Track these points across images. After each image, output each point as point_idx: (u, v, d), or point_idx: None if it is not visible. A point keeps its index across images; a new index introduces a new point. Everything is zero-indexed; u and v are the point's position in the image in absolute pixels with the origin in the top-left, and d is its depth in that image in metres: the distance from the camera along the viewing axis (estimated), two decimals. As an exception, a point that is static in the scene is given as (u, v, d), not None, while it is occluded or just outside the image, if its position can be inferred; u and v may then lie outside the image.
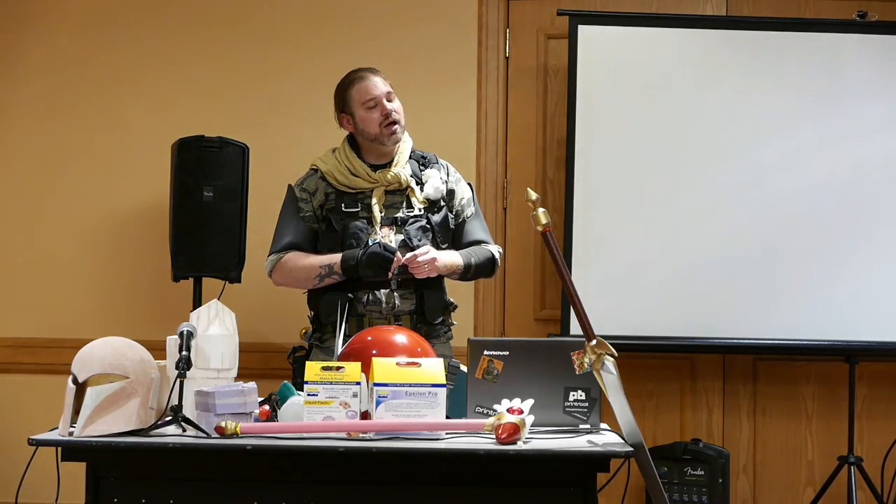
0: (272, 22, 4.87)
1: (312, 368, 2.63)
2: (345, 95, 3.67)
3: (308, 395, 2.61)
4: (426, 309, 3.58)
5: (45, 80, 4.90)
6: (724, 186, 4.60)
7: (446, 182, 3.69)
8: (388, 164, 3.65)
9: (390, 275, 3.49)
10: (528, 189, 2.83)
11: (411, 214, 3.62)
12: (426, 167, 3.69)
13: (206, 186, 4.38)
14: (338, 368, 2.63)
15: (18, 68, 4.91)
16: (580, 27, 4.59)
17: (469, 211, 3.74)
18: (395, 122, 3.61)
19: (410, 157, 3.70)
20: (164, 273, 4.52)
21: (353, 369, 2.64)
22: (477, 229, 3.74)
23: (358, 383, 2.61)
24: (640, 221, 4.60)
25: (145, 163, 4.79)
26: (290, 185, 3.71)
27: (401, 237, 3.58)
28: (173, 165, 4.42)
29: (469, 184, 3.80)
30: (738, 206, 4.58)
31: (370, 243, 3.52)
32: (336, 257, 3.54)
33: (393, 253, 3.46)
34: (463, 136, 4.78)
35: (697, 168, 4.61)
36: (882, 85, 4.58)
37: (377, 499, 2.60)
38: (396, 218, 3.60)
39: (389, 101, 3.62)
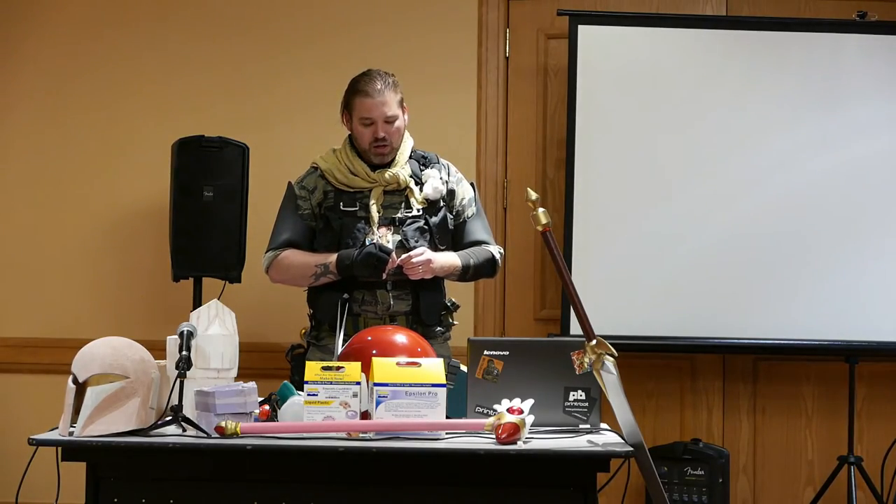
0: (273, 23, 4.87)
1: (312, 368, 2.63)
2: (349, 100, 3.65)
3: (308, 395, 2.60)
4: (422, 310, 3.57)
5: (46, 80, 4.89)
6: (724, 186, 4.59)
7: (446, 182, 3.68)
8: (388, 165, 3.64)
9: (385, 275, 3.48)
10: (528, 189, 2.82)
11: (409, 215, 3.61)
12: (426, 167, 3.68)
13: (206, 186, 4.38)
14: (338, 368, 2.63)
15: (19, 69, 4.90)
16: (580, 27, 4.58)
17: (470, 211, 3.73)
18: (385, 146, 3.59)
19: (411, 157, 3.69)
20: (164, 273, 4.51)
21: (353, 369, 2.64)
22: (478, 229, 3.73)
23: (358, 383, 2.61)
24: (640, 221, 4.60)
25: (145, 163, 4.79)
26: (289, 183, 3.71)
27: (398, 238, 3.57)
28: (173, 165, 4.42)
29: (472, 183, 3.78)
30: (737, 206, 4.58)
31: (367, 243, 3.52)
32: (332, 256, 3.54)
33: (388, 253, 3.46)
34: (463, 136, 4.77)
35: (697, 168, 4.61)
36: (882, 85, 4.58)
37: (377, 499, 2.60)
38: (395, 218, 3.59)
39: (388, 122, 3.59)
